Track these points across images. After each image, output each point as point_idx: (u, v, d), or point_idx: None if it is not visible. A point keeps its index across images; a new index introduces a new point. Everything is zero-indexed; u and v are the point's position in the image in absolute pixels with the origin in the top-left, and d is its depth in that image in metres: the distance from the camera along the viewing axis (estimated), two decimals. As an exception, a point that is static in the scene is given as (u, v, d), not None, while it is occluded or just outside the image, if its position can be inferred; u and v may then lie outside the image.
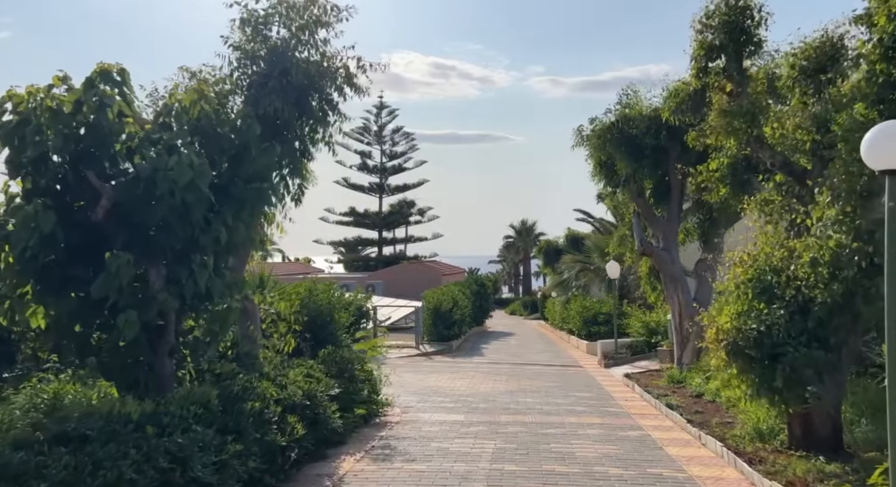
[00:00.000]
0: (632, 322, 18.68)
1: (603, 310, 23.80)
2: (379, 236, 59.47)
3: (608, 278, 28.09)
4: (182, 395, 5.17)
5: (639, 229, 13.08)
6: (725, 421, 8.80)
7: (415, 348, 21.20)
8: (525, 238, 66.16)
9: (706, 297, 13.24)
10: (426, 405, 10.74)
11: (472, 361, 18.98)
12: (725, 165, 8.78)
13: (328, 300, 10.91)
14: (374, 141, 59.09)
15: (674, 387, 12.23)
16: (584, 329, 23.94)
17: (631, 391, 12.71)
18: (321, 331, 10.49)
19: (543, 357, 20.46)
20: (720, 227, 12.99)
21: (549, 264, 38.66)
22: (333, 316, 10.68)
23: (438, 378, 14.49)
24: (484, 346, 24.27)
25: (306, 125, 7.95)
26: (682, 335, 13.12)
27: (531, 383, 13.90)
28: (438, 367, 17.11)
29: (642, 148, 12.31)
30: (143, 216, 5.57)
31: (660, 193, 13.06)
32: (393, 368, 16.75)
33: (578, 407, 10.75)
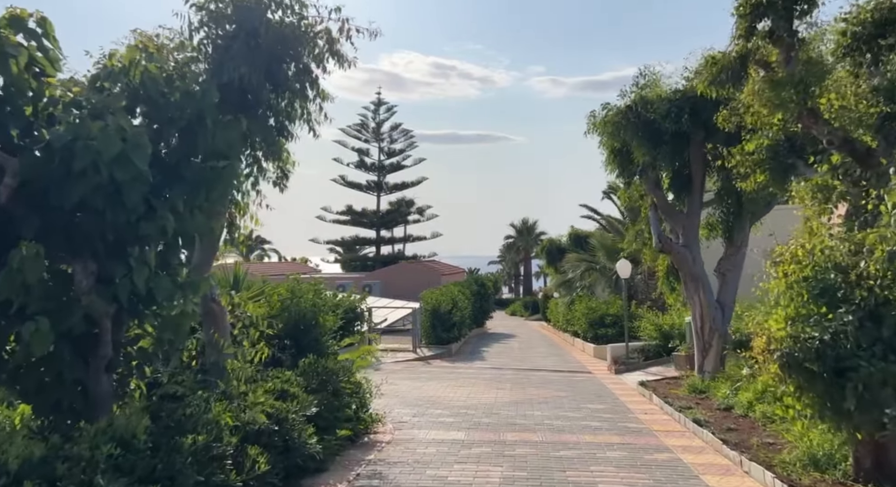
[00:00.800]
0: (643, 325, 17.51)
1: (610, 311, 22.66)
2: (377, 235, 58.32)
3: (615, 277, 27.02)
4: (99, 428, 3.99)
5: (656, 224, 11.91)
6: (766, 442, 7.63)
7: (412, 352, 20.04)
8: (526, 238, 65.02)
9: (729, 298, 12.09)
10: (422, 421, 9.58)
11: (472, 366, 17.82)
12: (765, 148, 7.62)
13: (312, 302, 9.75)
14: (371, 138, 57.99)
15: (696, 398, 11.07)
16: (591, 332, 22.79)
17: (648, 402, 11.54)
18: (304, 337, 9.33)
19: (549, 362, 19.29)
20: (745, 221, 11.82)
21: (551, 263, 37.47)
22: (318, 320, 9.51)
23: (437, 387, 13.33)
24: (485, 349, 23.11)
25: (282, 98, 6.78)
26: (703, 339, 11.95)
27: (538, 392, 12.74)
28: (437, 373, 15.95)
29: (661, 134, 11.15)
30: (59, 197, 4.41)
31: (679, 183, 11.89)
32: (388, 375, 15.60)
33: (593, 422, 9.58)
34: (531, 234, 64.99)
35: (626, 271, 17.07)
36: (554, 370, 16.94)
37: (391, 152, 58.29)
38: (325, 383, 7.71)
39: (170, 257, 5.39)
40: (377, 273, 43.38)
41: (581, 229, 34.93)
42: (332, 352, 9.38)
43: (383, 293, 38.91)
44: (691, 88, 11.05)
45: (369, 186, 57.92)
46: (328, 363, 7.89)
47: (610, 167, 12.49)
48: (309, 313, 9.62)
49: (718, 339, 11.82)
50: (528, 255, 64.80)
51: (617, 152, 12.15)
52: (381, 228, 58.21)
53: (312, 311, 9.53)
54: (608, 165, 12.52)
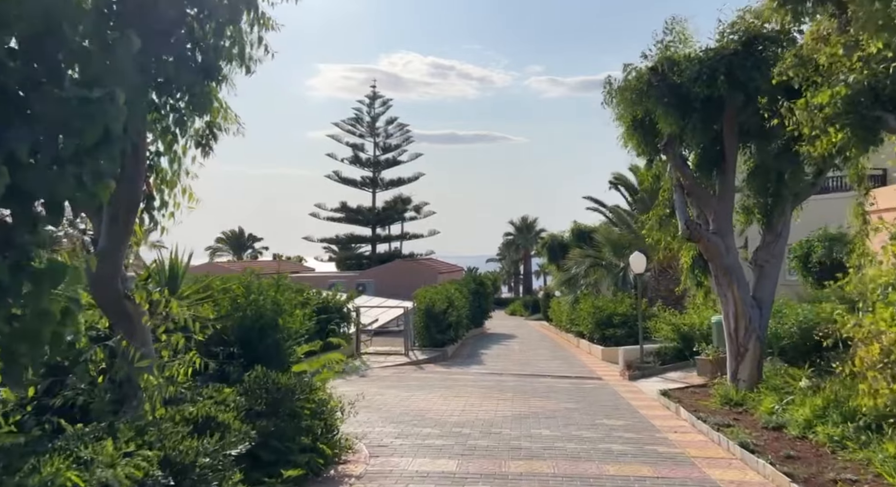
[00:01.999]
0: (659, 325, 15.79)
1: (619, 310, 20.94)
2: (372, 232, 56.56)
3: (622, 274, 25.36)
4: None
5: (682, 209, 10.18)
6: (846, 478, 5.92)
7: (404, 355, 18.31)
8: (525, 235, 63.36)
9: (768, 294, 10.37)
10: (406, 444, 7.85)
11: (469, 371, 16.09)
12: (841, 98, 5.91)
13: (273, 300, 8.03)
14: (366, 133, 56.25)
15: (733, 412, 9.36)
16: (598, 333, 21.07)
17: (675, 417, 9.83)
18: (260, 343, 7.61)
19: (554, 366, 17.57)
20: (787, 204, 10.11)
21: (553, 260, 35.78)
22: (278, 322, 7.79)
23: (428, 397, 11.60)
24: (484, 352, 21.39)
25: (206, 23, 5.04)
26: (737, 342, 10.23)
27: (544, 403, 11.02)
28: (430, 379, 14.22)
29: (690, 100, 9.43)
30: None
31: (709, 160, 10.15)
32: (373, 382, 13.87)
33: (615, 445, 7.86)
34: (531, 231, 63.31)
35: (641, 266, 15.36)
36: (560, 375, 15.22)
37: (387, 148, 56.56)
38: (278, 403, 5.99)
39: (13, 233, 3.66)
40: (371, 272, 41.67)
41: (584, 223, 33.28)
42: (296, 361, 7.64)
43: (377, 292, 37.19)
44: (726, 45, 9.37)
45: (364, 182, 56.17)
46: (282, 378, 6.15)
47: (628, 142, 10.77)
48: (268, 313, 7.91)
49: (756, 342, 10.11)
50: (527, 253, 63.13)
51: (637, 125, 10.42)
52: (377, 225, 56.45)
53: (273, 311, 7.81)
54: (626, 140, 10.80)
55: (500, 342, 26.45)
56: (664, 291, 22.75)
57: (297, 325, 8.52)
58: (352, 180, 55.84)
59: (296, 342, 8.18)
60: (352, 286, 39.58)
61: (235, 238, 70.98)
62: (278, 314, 8.01)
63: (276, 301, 8.16)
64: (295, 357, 8.03)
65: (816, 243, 17.65)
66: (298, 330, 8.53)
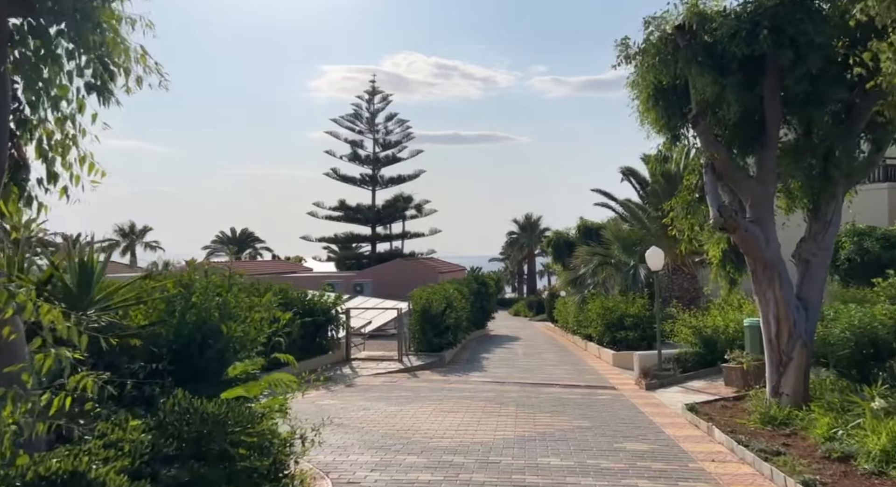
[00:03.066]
0: (678, 328, 14.26)
1: (631, 311, 19.40)
2: (372, 231, 55.11)
3: (632, 273, 23.78)
4: None
5: (714, 193, 8.64)
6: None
7: (397, 361, 16.81)
8: (530, 234, 61.80)
9: (815, 293, 8.85)
10: (383, 480, 6.36)
11: (468, 379, 14.59)
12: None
13: (219, 303, 6.53)
14: (365, 129, 54.80)
15: (777, 434, 7.86)
16: (608, 335, 19.53)
17: (708, 438, 8.31)
18: (199, 356, 6.12)
19: (561, 373, 16.05)
20: (838, 187, 8.58)
21: (559, 258, 34.26)
22: (221, 330, 6.29)
23: (418, 412, 10.11)
24: (485, 356, 19.87)
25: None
26: (779, 350, 8.71)
27: (552, 421, 9.51)
28: (423, 390, 12.72)
29: (725, 61, 7.92)
30: None
31: (747, 134, 8.62)
32: (359, 394, 12.37)
33: (642, 481, 6.35)
34: (535, 230, 61.72)
35: (658, 262, 13.81)
36: (569, 384, 13.69)
37: (386, 144, 55.09)
38: (202, 441, 4.49)
39: None
40: (369, 271, 40.22)
41: (592, 220, 31.72)
42: (245, 378, 6.13)
43: (375, 293, 35.76)
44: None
45: (363, 180, 54.71)
46: (210, 406, 4.65)
47: (646, 117, 9.24)
48: (215, 319, 6.42)
49: (802, 349, 8.58)
50: (531, 252, 61.60)
51: (659, 94, 8.90)
52: (377, 224, 54.99)
53: (216, 318, 6.32)
54: (643, 114, 9.27)
55: (503, 344, 24.94)
56: (678, 290, 21.23)
57: (254, 333, 7.02)
58: (351, 178, 54.43)
59: (247, 355, 6.67)
60: (349, 287, 38.17)
61: (234, 238, 69.66)
62: (228, 319, 6.52)
63: (227, 303, 6.66)
64: (246, 373, 6.53)
65: (844, 239, 16.12)
66: (253, 339, 7.03)
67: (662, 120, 9.08)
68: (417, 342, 18.11)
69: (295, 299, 16.11)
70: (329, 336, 16.79)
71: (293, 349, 15.19)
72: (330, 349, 16.69)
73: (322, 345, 16.45)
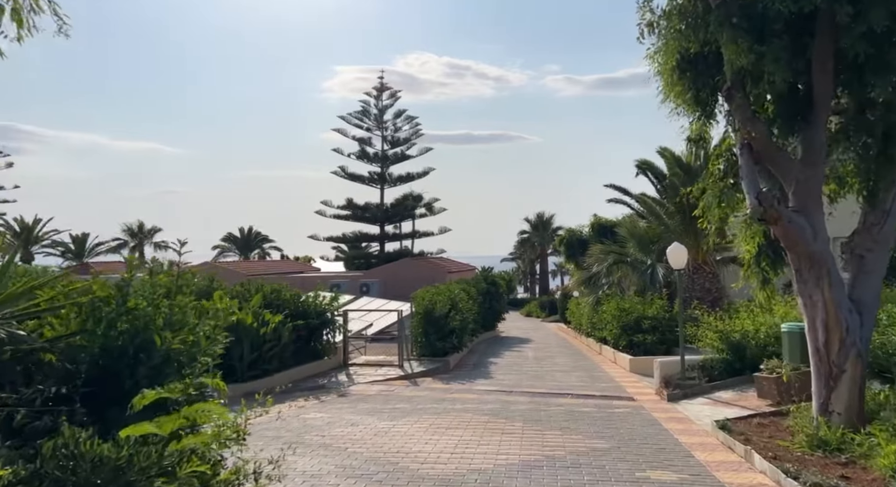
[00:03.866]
0: (703, 332, 12.99)
1: (649, 313, 18.15)
2: (381, 230, 54.06)
3: (649, 272, 22.46)
4: None
5: (752, 177, 7.40)
6: None
7: (398, 367, 15.69)
8: (542, 233, 60.47)
9: (871, 294, 7.59)
10: (354, 524, 5.22)
11: (473, 387, 13.42)
12: None
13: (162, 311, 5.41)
14: (374, 126, 53.78)
15: (830, 461, 6.63)
16: (624, 339, 18.29)
17: (746, 465, 7.08)
18: (129, 377, 5.00)
19: (574, 380, 14.84)
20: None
21: (572, 257, 32.98)
22: (155, 342, 5.17)
23: (413, 429, 8.98)
24: (493, 361, 18.70)
25: None
26: (829, 360, 7.46)
27: (563, 440, 8.32)
28: (422, 400, 11.58)
29: (767, 22, 6.69)
30: None
31: (792, 108, 7.38)
32: (353, 404, 11.27)
33: (673, 528, 5.15)
34: (547, 229, 60.37)
35: (680, 259, 12.54)
36: (582, 394, 12.48)
37: (395, 141, 54.01)
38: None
39: None
40: (377, 271, 39.16)
41: (606, 217, 30.42)
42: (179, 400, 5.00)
43: (382, 293, 34.70)
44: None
45: (372, 178, 53.68)
46: (106, 449, 3.53)
47: (671, 92, 8.01)
48: (153, 329, 5.31)
49: (857, 360, 7.33)
50: (544, 251, 60.28)
51: (687, 64, 7.68)
52: (386, 223, 53.93)
53: (148, 327, 5.20)
54: (668, 89, 8.05)
55: (513, 347, 23.76)
56: (699, 290, 19.89)
57: (206, 343, 5.90)
58: (359, 176, 53.42)
59: (191, 372, 5.54)
60: (355, 287, 37.14)
61: (243, 238, 69.04)
62: (172, 329, 5.40)
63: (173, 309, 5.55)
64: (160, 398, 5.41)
65: None
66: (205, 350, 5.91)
67: (690, 94, 7.86)
68: (420, 346, 16.99)
69: (287, 300, 15.05)
70: (325, 340, 15.71)
71: (284, 355, 14.22)
72: (326, 355, 15.61)
73: (317, 350, 15.38)
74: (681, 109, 8.19)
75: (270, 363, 13.46)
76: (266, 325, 13.42)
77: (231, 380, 12.88)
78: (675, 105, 8.18)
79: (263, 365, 13.31)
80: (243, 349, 12.89)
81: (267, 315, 13.75)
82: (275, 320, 13.63)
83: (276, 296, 15.19)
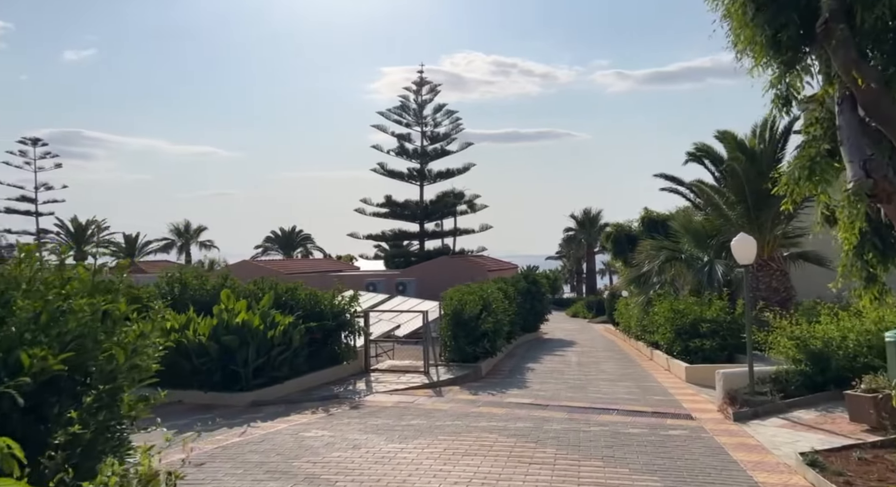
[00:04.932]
0: (775, 339, 11.04)
1: (707, 315, 16.18)
2: (420, 228, 52.86)
3: (706, 269, 20.33)
4: None
5: (856, 140, 5.59)
6: None
7: (423, 373, 14.23)
8: (588, 230, 58.02)
9: None
10: None
11: (503, 399, 11.83)
12: None
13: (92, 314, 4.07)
14: (413, 122, 52.59)
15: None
16: (679, 344, 16.37)
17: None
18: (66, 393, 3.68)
19: (621, 391, 13.06)
20: None
21: (620, 254, 30.90)
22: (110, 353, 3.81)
23: (422, 455, 7.49)
24: (531, 366, 17.04)
25: None
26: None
27: (606, 477, 6.66)
28: (442, 415, 10.08)
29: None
30: None
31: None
32: (364, 419, 9.85)
33: None
34: (594, 225, 57.86)
35: (748, 253, 10.60)
36: (630, 410, 10.72)
37: (435, 137, 52.69)
38: None
39: None
40: (414, 269, 37.89)
41: (656, 210, 28.24)
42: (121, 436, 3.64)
43: (419, 292, 33.38)
44: None
45: (411, 174, 52.52)
46: None
47: (744, 36, 6.26)
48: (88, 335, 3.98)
49: None
50: (591, 250, 57.83)
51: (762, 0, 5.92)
52: (425, 220, 52.69)
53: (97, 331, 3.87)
54: (740, 33, 6.30)
55: (555, 350, 22.01)
56: (766, 290, 17.68)
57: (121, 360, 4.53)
58: (398, 173, 52.36)
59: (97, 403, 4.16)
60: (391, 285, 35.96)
61: (285, 237, 69.12)
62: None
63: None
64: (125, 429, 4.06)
65: None
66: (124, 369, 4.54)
67: (767, 35, 6.07)
68: (449, 350, 15.49)
69: (303, 300, 13.81)
70: (343, 344, 14.40)
71: (296, 361, 12.94)
72: (345, 359, 14.30)
73: (334, 354, 14.08)
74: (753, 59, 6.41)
75: (280, 370, 12.22)
76: (275, 327, 12.20)
77: (235, 388, 11.72)
78: (748, 54, 6.42)
79: (272, 372, 12.08)
80: (248, 354, 11.67)
81: (277, 316, 12.54)
82: (285, 321, 12.40)
83: (290, 295, 13.99)
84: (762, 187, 17.84)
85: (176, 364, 11.79)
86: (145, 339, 4.38)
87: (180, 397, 11.58)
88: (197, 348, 11.72)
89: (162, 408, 11.56)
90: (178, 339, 11.77)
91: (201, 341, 11.73)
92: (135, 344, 4.38)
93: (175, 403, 11.41)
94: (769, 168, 17.56)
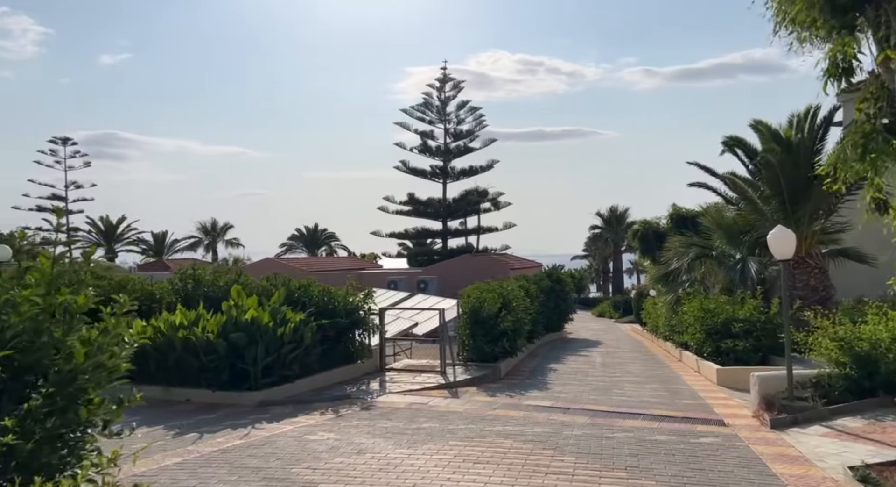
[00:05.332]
0: (815, 340, 10.24)
1: (739, 315, 15.33)
2: (443, 226, 52.40)
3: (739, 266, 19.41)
4: None
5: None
6: None
7: (439, 374, 13.71)
8: (615, 228, 56.87)
9: None
10: None
11: (522, 402, 11.24)
12: None
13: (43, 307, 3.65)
14: (436, 119, 52.15)
15: None
16: (709, 345, 15.54)
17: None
18: None
19: (648, 394, 12.35)
20: None
21: (647, 252, 29.99)
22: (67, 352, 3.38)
23: (430, 462, 6.98)
24: (553, 367, 16.39)
25: None
26: None
27: (629, 489, 6.05)
28: (455, 418, 9.54)
29: None
30: None
31: None
32: (373, 421, 9.36)
33: None
34: (621, 223, 56.68)
35: (787, 248, 9.82)
36: (657, 414, 10.03)
37: (458, 134, 52.18)
38: None
39: None
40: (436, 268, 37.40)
41: (686, 207, 27.28)
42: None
43: (440, 290, 32.92)
44: None
45: (434, 172, 52.09)
46: None
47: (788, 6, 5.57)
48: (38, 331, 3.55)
49: None
50: (617, 248, 56.67)
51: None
52: (448, 218, 52.22)
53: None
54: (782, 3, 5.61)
55: (580, 351, 21.30)
56: (803, 288, 16.75)
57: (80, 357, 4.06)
58: (421, 170, 51.98)
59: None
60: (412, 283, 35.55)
61: (309, 235, 69.30)
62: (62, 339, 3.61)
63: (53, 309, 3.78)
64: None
65: None
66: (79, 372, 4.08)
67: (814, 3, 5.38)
68: (467, 350, 14.94)
69: (316, 296, 13.41)
70: (357, 342, 13.95)
71: (307, 359, 12.50)
72: (359, 358, 13.84)
73: (348, 353, 13.64)
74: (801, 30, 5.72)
75: (291, 368, 11.81)
76: (286, 324, 11.79)
77: (243, 387, 11.33)
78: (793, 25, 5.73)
79: (282, 370, 11.67)
80: (257, 352, 11.28)
81: (288, 313, 12.14)
82: (295, 318, 11.99)
83: (303, 292, 13.60)
84: (799, 179, 16.95)
85: (184, 362, 11.48)
86: (108, 335, 3.93)
87: (188, 395, 11.27)
88: (205, 345, 11.37)
89: (169, 407, 11.23)
90: (186, 336, 11.47)
91: (210, 338, 11.37)
92: (97, 341, 3.93)
93: (183, 402, 11.11)
94: (806, 160, 16.65)
